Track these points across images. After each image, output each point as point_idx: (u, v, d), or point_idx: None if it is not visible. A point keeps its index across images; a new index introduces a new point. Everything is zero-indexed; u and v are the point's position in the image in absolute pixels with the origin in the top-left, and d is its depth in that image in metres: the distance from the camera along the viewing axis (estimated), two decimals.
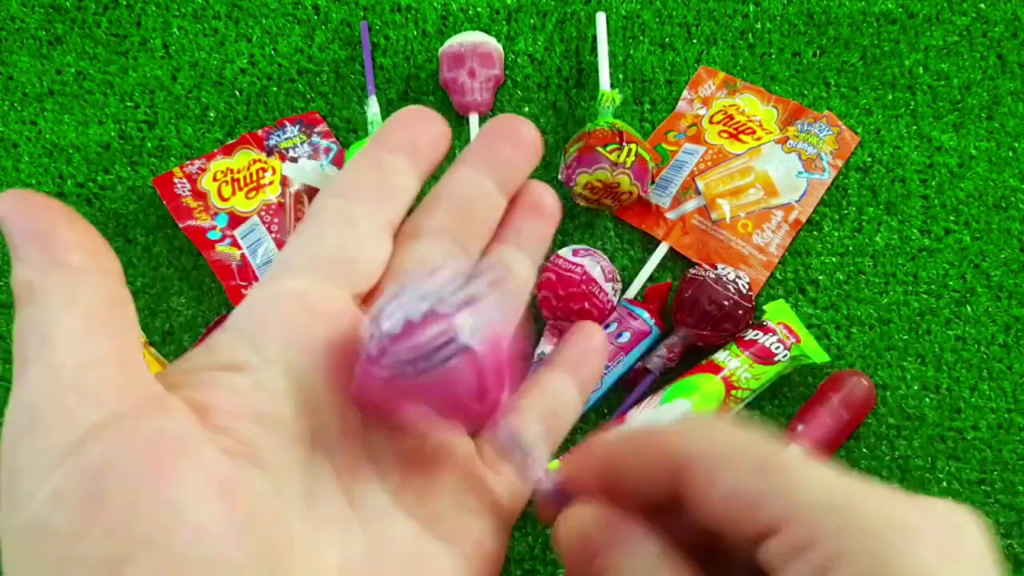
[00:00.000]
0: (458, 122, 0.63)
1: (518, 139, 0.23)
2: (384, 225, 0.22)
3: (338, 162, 0.62)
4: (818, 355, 0.54)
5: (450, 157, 0.24)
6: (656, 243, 0.60)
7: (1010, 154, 0.62)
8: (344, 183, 0.22)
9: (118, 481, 0.15)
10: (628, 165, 0.55)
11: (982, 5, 0.66)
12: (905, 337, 0.57)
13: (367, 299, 0.21)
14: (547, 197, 0.25)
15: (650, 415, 0.52)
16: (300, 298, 0.20)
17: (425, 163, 0.23)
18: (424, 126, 0.23)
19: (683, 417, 0.20)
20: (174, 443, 0.16)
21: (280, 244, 0.59)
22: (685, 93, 0.64)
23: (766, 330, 0.54)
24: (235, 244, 0.59)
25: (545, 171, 0.62)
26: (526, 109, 0.64)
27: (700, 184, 0.60)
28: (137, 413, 0.16)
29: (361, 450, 0.20)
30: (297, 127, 0.63)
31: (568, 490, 0.20)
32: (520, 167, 0.24)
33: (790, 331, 0.54)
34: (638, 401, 0.54)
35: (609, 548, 0.18)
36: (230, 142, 0.62)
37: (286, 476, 0.18)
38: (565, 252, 0.55)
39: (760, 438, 0.17)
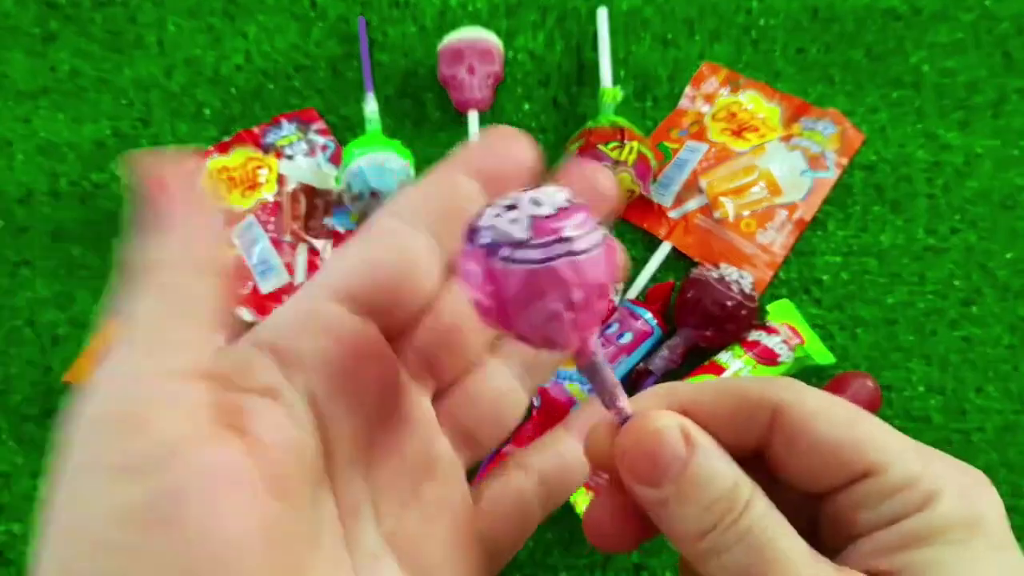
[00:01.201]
0: (457, 119, 0.62)
1: (508, 158, 0.22)
2: (436, 256, 0.20)
3: (335, 160, 0.61)
4: (822, 356, 0.54)
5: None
6: (658, 242, 0.59)
7: (1016, 152, 0.61)
8: (409, 202, 0.21)
9: (182, 509, 0.15)
10: (630, 163, 0.55)
11: (988, 2, 0.65)
12: (911, 338, 0.57)
13: (402, 333, 0.21)
14: (602, 179, 0.23)
15: None
16: (331, 326, 0.19)
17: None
18: (514, 152, 0.21)
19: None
20: (229, 476, 0.16)
21: (276, 243, 0.58)
22: (687, 90, 0.64)
23: (770, 331, 0.53)
24: (230, 243, 0.58)
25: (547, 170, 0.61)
26: (526, 106, 0.63)
27: (703, 182, 0.59)
28: (204, 440, 0.16)
29: (362, 490, 0.20)
30: (294, 124, 0.62)
31: None
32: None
33: (794, 332, 0.53)
34: None
35: (703, 445, 0.18)
36: (226, 140, 0.61)
37: (306, 514, 0.18)
38: None
39: (839, 400, 0.19)
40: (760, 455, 0.19)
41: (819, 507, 0.19)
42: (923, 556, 0.17)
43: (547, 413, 0.52)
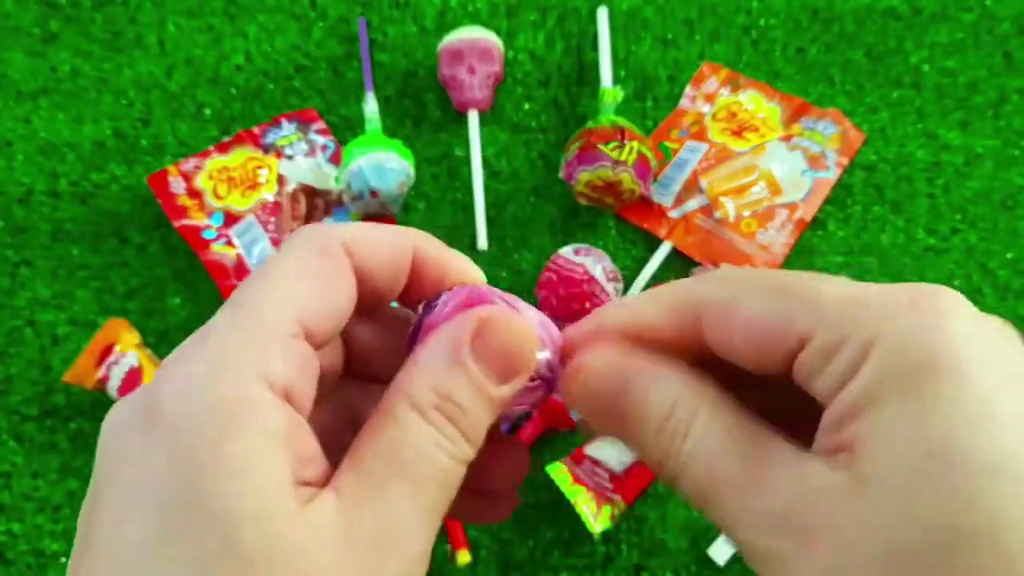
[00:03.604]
0: (457, 119, 0.62)
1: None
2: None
3: (335, 160, 0.61)
4: None
5: (450, 156, 0.23)
6: (658, 242, 0.59)
7: (1017, 152, 0.61)
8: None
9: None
10: (630, 163, 0.55)
11: (988, 2, 0.65)
12: None
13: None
14: None
15: None
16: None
17: None
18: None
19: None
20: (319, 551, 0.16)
21: (277, 243, 0.58)
22: (688, 90, 0.64)
23: None
24: (230, 243, 0.58)
25: (547, 170, 0.61)
26: (526, 106, 0.63)
27: (703, 182, 0.59)
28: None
29: None
30: (294, 124, 0.62)
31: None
32: None
33: None
34: None
35: (635, 378, 0.19)
36: (226, 140, 0.61)
37: None
38: (566, 251, 0.55)
39: (768, 271, 0.18)
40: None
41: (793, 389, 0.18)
42: (865, 426, 0.15)
43: (546, 413, 0.52)
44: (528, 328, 0.20)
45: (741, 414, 0.18)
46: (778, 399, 0.19)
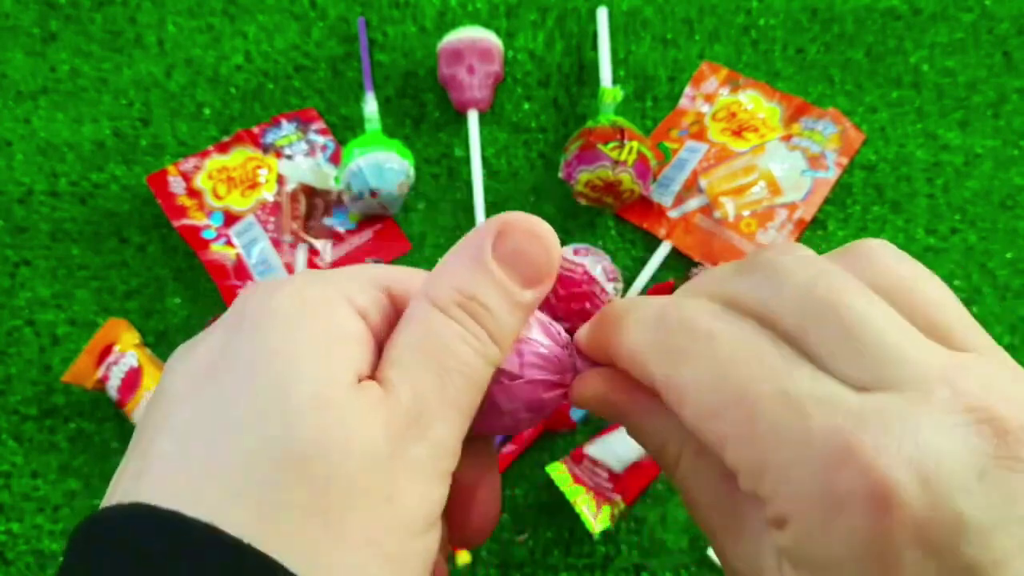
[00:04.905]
0: (457, 119, 0.62)
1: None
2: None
3: (335, 160, 0.61)
4: None
5: (449, 156, 0.23)
6: (658, 242, 0.59)
7: (1016, 152, 0.61)
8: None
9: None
10: (630, 163, 0.55)
11: (987, 2, 0.65)
12: None
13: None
14: None
15: None
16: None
17: None
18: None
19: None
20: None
21: (276, 243, 0.58)
22: (687, 90, 0.64)
23: None
24: (230, 243, 0.58)
25: (547, 170, 0.61)
26: (526, 106, 0.63)
27: (703, 182, 0.59)
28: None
29: None
30: (293, 124, 0.62)
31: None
32: None
33: None
34: None
35: (631, 412, 0.21)
36: (225, 140, 0.61)
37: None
38: (566, 251, 0.55)
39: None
40: None
41: None
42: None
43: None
44: (551, 234, 0.20)
45: (719, 468, 0.18)
46: None
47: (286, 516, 0.15)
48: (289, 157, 0.61)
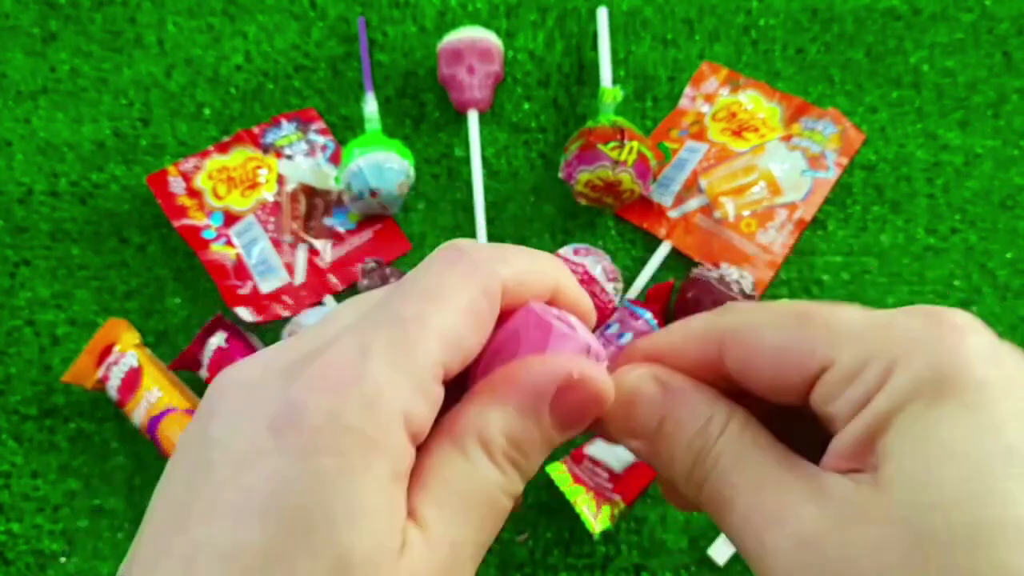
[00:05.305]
0: (457, 119, 0.62)
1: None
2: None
3: (335, 160, 0.61)
4: None
5: (449, 156, 0.23)
6: (658, 242, 0.59)
7: (1016, 152, 0.61)
8: None
9: None
10: (630, 163, 0.55)
11: (987, 2, 0.65)
12: None
13: None
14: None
15: None
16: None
17: None
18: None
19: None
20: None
21: (276, 243, 0.58)
22: (687, 90, 0.64)
23: None
24: (230, 243, 0.58)
25: (547, 170, 0.61)
26: (526, 106, 0.63)
27: (703, 182, 0.59)
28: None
29: None
30: (293, 124, 0.62)
31: None
32: None
33: None
34: None
35: (675, 392, 0.20)
36: (225, 139, 0.61)
37: None
38: (566, 251, 0.55)
39: (788, 301, 0.19)
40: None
41: (808, 418, 0.19)
42: (888, 438, 0.16)
43: None
44: (608, 386, 0.19)
45: (767, 433, 0.19)
46: (781, 436, 0.19)
47: None
48: (289, 157, 0.61)
